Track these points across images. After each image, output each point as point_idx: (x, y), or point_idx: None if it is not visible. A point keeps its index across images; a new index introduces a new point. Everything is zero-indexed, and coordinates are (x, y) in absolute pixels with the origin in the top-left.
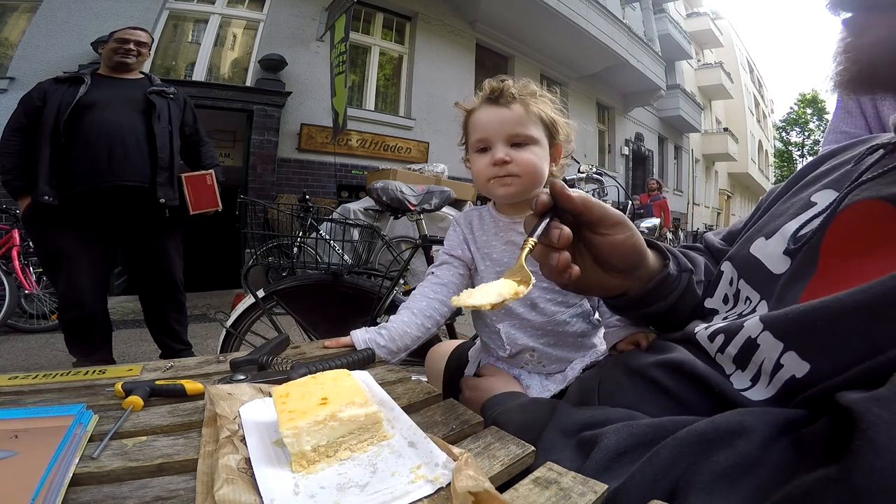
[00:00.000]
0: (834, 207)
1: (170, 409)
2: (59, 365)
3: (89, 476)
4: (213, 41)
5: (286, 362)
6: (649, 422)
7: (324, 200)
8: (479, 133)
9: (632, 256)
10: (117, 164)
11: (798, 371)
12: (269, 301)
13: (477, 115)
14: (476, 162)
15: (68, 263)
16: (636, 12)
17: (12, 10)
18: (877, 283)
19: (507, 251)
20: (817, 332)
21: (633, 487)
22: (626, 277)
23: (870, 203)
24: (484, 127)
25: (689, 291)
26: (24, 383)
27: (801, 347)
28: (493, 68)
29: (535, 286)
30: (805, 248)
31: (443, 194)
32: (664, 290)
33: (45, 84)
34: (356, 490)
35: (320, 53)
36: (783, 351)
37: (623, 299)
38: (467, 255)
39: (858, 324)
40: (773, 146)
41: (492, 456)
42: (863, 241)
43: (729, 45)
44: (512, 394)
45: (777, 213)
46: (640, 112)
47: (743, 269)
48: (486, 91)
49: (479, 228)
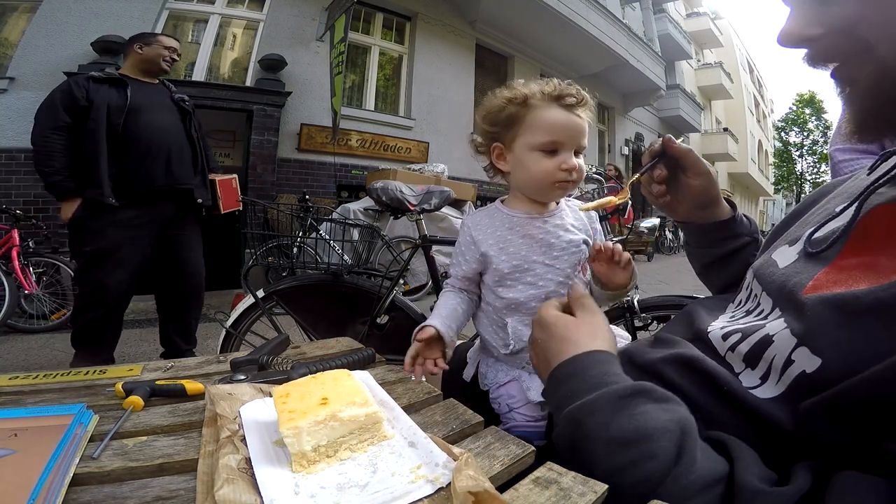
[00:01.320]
0: (854, 215)
1: (170, 409)
2: (59, 365)
3: (90, 476)
4: (212, 41)
5: (286, 362)
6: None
7: (324, 200)
8: (553, 135)
9: (705, 197)
10: (175, 168)
11: (809, 366)
12: (268, 301)
13: (547, 115)
14: (540, 161)
15: (114, 263)
16: (636, 12)
17: (12, 10)
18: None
19: (525, 244)
20: (832, 328)
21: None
22: (702, 212)
23: (892, 207)
24: (559, 130)
25: (743, 254)
26: (24, 383)
27: (814, 343)
28: (493, 68)
29: (552, 280)
30: (827, 251)
31: (442, 194)
32: (724, 232)
33: (82, 82)
34: (356, 490)
35: (320, 53)
36: (796, 346)
37: (693, 224)
38: (474, 267)
39: (877, 323)
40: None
41: (492, 456)
42: (878, 241)
43: (729, 45)
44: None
45: (804, 222)
46: (640, 112)
47: (759, 270)
48: (552, 91)
49: (489, 226)
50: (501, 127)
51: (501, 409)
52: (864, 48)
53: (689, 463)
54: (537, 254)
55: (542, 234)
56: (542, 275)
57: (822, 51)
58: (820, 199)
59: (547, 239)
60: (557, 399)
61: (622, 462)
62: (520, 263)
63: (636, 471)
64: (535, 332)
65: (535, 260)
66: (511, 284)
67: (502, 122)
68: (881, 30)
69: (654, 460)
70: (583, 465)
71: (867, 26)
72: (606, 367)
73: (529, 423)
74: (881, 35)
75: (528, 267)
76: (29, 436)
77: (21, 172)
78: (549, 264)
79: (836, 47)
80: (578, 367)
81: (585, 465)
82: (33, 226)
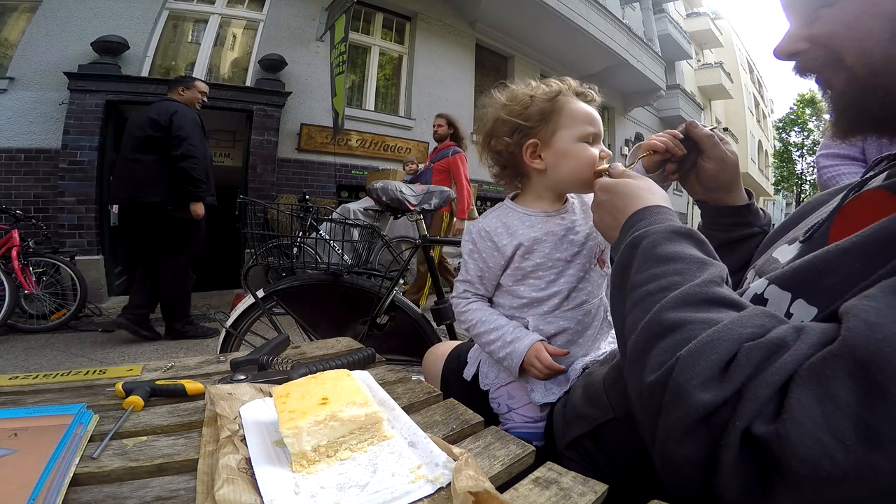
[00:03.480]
0: (841, 200)
1: (170, 409)
2: (59, 365)
3: (89, 476)
4: (212, 41)
5: (286, 362)
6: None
7: (324, 200)
8: (593, 127)
9: (715, 181)
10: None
11: (807, 316)
12: (268, 301)
13: (582, 108)
14: (587, 151)
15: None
16: (636, 12)
17: (12, 10)
18: (870, 227)
19: (548, 242)
20: (821, 276)
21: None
22: (715, 193)
23: (873, 192)
24: (596, 122)
25: (749, 244)
26: (24, 383)
27: (808, 293)
28: (493, 68)
29: (573, 275)
30: (815, 235)
31: (442, 194)
32: (735, 217)
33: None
34: (356, 490)
35: (320, 53)
36: (791, 300)
37: (708, 205)
38: (497, 273)
39: (854, 260)
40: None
41: (492, 456)
42: (863, 221)
43: (729, 45)
44: (660, 210)
45: (804, 225)
46: (639, 112)
47: (761, 268)
48: (575, 87)
49: (504, 227)
50: (535, 122)
51: (500, 409)
52: (837, 59)
53: (706, 283)
54: (559, 251)
55: (563, 231)
56: (563, 271)
57: (807, 62)
58: (819, 205)
59: (567, 235)
60: (625, 240)
61: (655, 272)
62: (543, 262)
63: (662, 280)
64: (600, 196)
65: (559, 257)
66: (533, 283)
67: (535, 117)
68: (850, 44)
69: (679, 276)
70: (622, 285)
71: (839, 41)
72: (666, 215)
73: (528, 423)
74: (850, 48)
75: (552, 264)
76: (29, 436)
77: (21, 172)
78: (570, 260)
79: (816, 58)
80: (645, 214)
81: (624, 282)
82: (33, 226)
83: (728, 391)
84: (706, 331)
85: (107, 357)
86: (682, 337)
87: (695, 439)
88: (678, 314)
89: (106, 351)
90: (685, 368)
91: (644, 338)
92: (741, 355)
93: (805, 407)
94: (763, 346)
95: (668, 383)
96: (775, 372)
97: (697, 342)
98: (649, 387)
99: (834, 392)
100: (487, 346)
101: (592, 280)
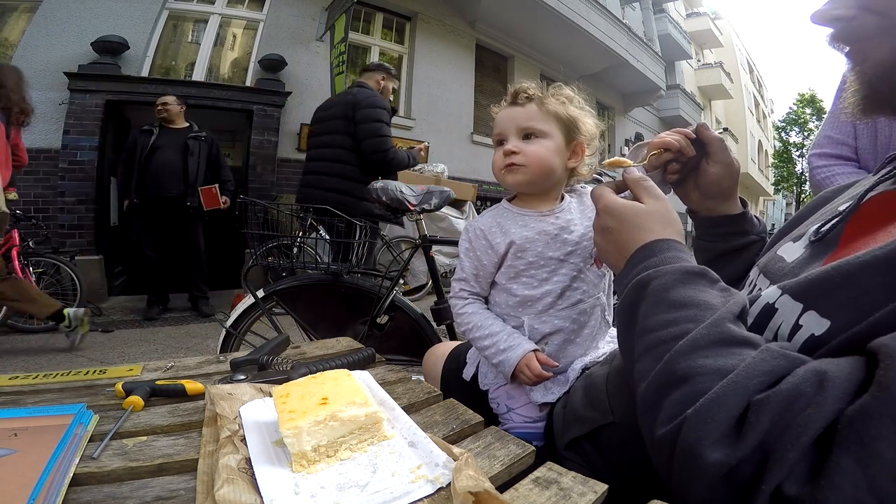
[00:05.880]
0: (856, 202)
1: (170, 409)
2: (58, 365)
3: (89, 476)
4: (212, 41)
5: (286, 362)
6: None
7: None
8: (497, 129)
9: (717, 187)
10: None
11: (818, 329)
12: (268, 301)
13: (498, 115)
14: (494, 154)
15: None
16: (636, 12)
17: (12, 10)
18: (894, 241)
19: (541, 241)
20: (837, 289)
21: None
22: (712, 202)
23: (889, 193)
24: (499, 123)
25: (747, 253)
26: (24, 383)
27: (821, 305)
28: (493, 68)
29: (566, 275)
30: (827, 237)
31: (442, 194)
32: (731, 227)
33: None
34: (356, 490)
35: (320, 53)
36: (802, 311)
37: (702, 215)
38: (491, 271)
39: (876, 276)
40: (772, 146)
41: (492, 456)
42: (875, 224)
43: (729, 45)
44: (671, 245)
45: (809, 222)
46: (639, 112)
47: (766, 266)
48: (509, 94)
49: (498, 226)
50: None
51: (500, 409)
52: (890, 27)
53: (717, 322)
54: (552, 249)
55: (556, 231)
56: (556, 269)
57: (850, 29)
58: (823, 203)
59: (560, 235)
60: (630, 277)
61: (667, 318)
62: (535, 260)
63: (674, 328)
64: (605, 221)
65: (551, 256)
66: (526, 281)
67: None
68: None
69: (693, 323)
70: (629, 326)
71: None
72: (678, 253)
73: (527, 423)
74: None
75: (544, 263)
76: (29, 436)
77: (21, 172)
78: (563, 259)
79: (864, 26)
80: (655, 250)
81: (632, 323)
82: (33, 226)
83: (744, 451)
84: (716, 384)
85: (107, 357)
86: (692, 389)
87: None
88: (689, 363)
89: (106, 351)
90: (694, 427)
91: (655, 387)
92: (751, 412)
93: (846, 472)
94: (775, 401)
95: (678, 440)
96: (801, 431)
97: (705, 400)
98: (660, 440)
99: (879, 453)
100: (482, 350)
101: (588, 279)
